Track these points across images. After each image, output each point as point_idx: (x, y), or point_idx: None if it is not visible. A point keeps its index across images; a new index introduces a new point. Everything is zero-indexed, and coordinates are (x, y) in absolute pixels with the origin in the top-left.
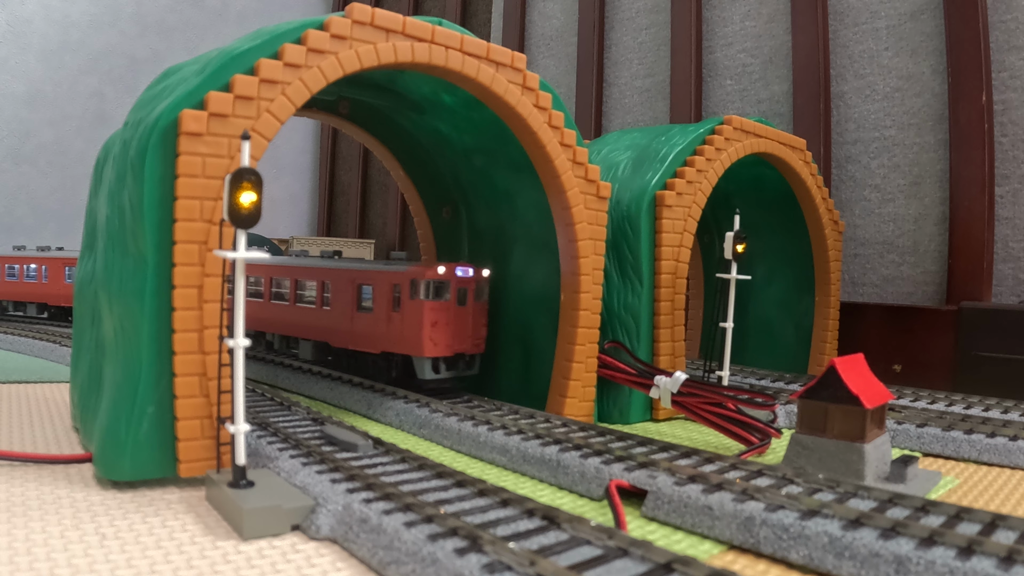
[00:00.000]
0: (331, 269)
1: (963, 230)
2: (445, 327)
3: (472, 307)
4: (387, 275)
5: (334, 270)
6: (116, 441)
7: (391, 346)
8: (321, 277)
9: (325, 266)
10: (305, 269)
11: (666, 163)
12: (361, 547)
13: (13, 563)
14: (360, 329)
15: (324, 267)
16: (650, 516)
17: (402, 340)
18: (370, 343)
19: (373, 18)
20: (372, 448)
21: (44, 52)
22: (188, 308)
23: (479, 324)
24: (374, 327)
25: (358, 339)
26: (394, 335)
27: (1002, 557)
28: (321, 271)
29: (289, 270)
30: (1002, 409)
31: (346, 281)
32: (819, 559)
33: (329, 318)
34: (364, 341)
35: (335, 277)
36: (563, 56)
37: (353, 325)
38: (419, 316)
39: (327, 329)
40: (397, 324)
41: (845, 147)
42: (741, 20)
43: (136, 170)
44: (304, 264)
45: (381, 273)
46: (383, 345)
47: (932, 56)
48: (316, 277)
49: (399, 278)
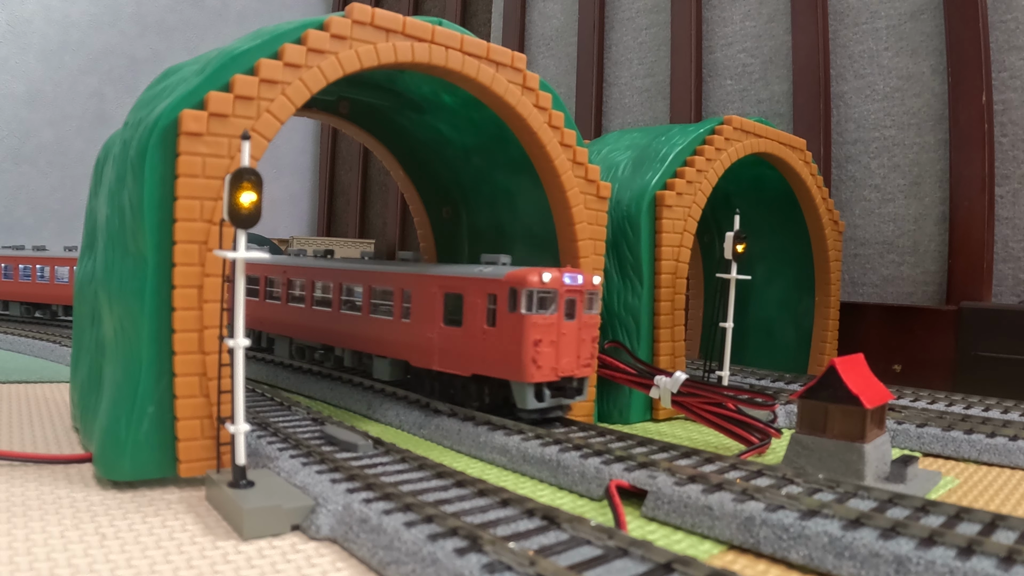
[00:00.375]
0: (413, 275)
1: (963, 230)
2: (551, 346)
3: (582, 322)
4: (481, 283)
5: (417, 276)
6: (116, 441)
7: (485, 368)
8: (401, 284)
9: (406, 271)
10: (382, 275)
11: (666, 163)
12: (361, 547)
13: (13, 563)
14: (447, 347)
15: (405, 272)
16: (650, 516)
17: (498, 361)
18: (459, 364)
19: (373, 18)
20: (372, 448)
21: (44, 52)
22: (188, 308)
23: (590, 341)
24: (464, 345)
25: (444, 358)
26: (488, 355)
27: (1002, 557)
28: (401, 277)
29: (362, 276)
30: (1002, 409)
31: (431, 289)
32: (819, 559)
33: (410, 333)
34: (451, 361)
35: (418, 284)
36: (563, 56)
37: (439, 342)
38: (519, 333)
39: (407, 346)
40: (492, 342)
41: (845, 147)
42: (741, 20)
43: (136, 170)
44: (380, 269)
45: (473, 280)
46: (475, 366)
47: (932, 56)
48: (395, 284)
49: (495, 287)
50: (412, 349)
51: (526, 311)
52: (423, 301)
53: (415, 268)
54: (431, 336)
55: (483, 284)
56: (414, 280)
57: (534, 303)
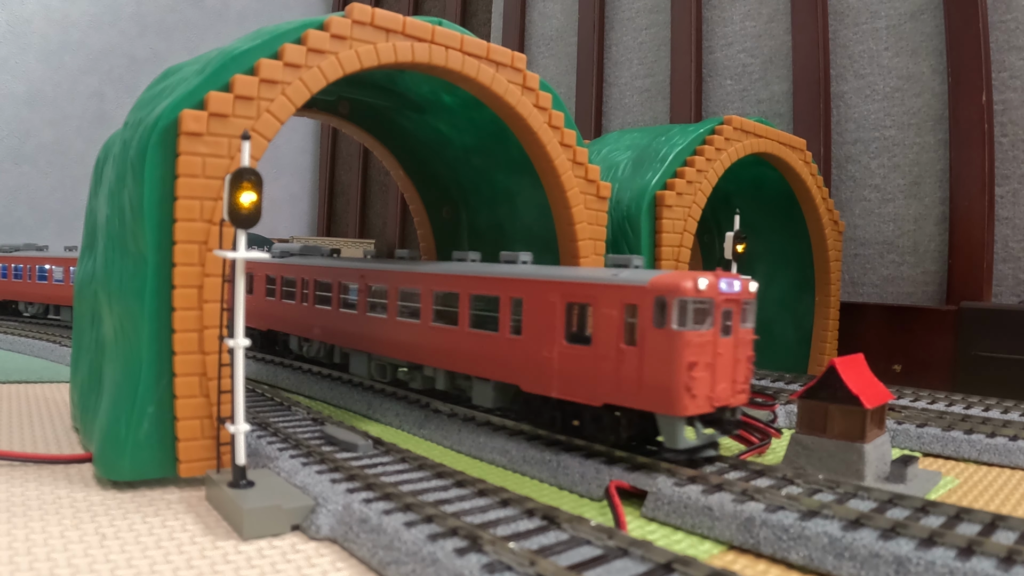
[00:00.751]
0: (527, 281)
1: (963, 230)
2: (706, 369)
3: (739, 338)
4: (616, 291)
5: (531, 282)
6: (116, 441)
7: (621, 397)
8: (511, 291)
9: (518, 275)
10: (487, 280)
11: (666, 163)
12: (361, 547)
13: (13, 563)
14: (571, 370)
15: (516, 277)
16: (650, 517)
17: (640, 389)
18: (586, 391)
19: (373, 18)
20: (372, 448)
21: (44, 52)
22: (188, 308)
23: (746, 362)
24: (594, 368)
25: (567, 384)
26: (627, 381)
27: (1002, 557)
28: (511, 283)
29: (461, 282)
30: (1002, 409)
31: (549, 298)
32: (819, 560)
33: (521, 351)
34: (577, 387)
35: (533, 292)
36: (563, 56)
37: (560, 363)
38: (670, 353)
39: (517, 367)
40: (632, 364)
41: (845, 147)
42: (741, 20)
43: (136, 170)
44: (485, 273)
45: (607, 288)
46: (608, 394)
47: (932, 56)
48: (502, 291)
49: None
50: (524, 371)
51: (678, 326)
52: (539, 312)
53: (530, 272)
54: (549, 356)
55: (620, 292)
56: (528, 287)
57: (688, 316)
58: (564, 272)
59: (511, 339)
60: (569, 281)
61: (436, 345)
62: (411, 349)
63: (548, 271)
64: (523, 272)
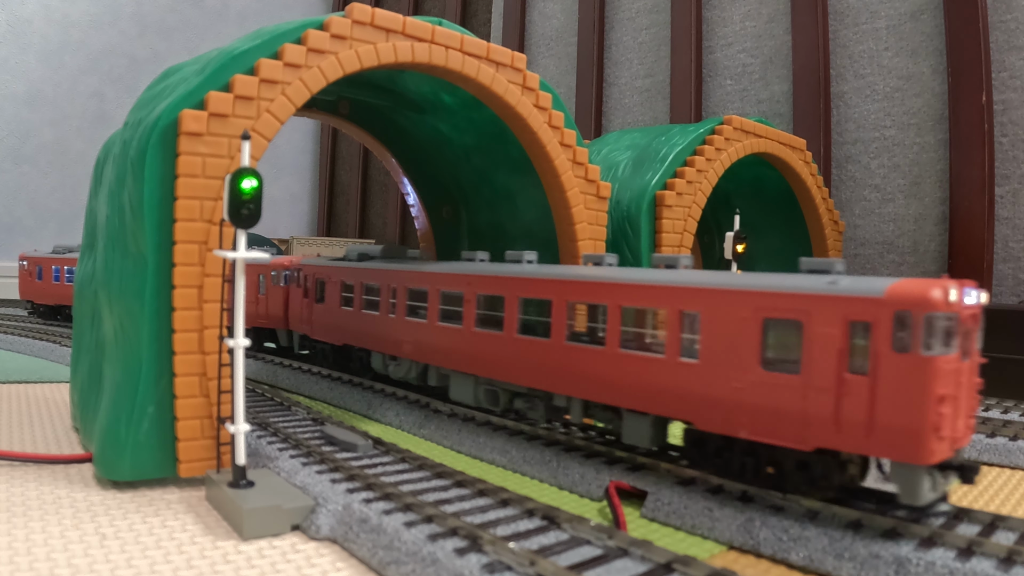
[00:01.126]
0: (707, 290)
1: (963, 230)
2: (952, 403)
3: (974, 362)
4: (837, 303)
5: (714, 291)
6: (116, 441)
7: (842, 439)
8: (682, 303)
9: (693, 283)
10: (646, 289)
11: (666, 163)
12: (361, 547)
13: (13, 563)
14: (769, 404)
15: (691, 285)
16: (650, 517)
17: (873, 430)
18: (791, 432)
19: (373, 18)
20: (372, 448)
21: (44, 52)
22: (188, 308)
23: (975, 390)
24: (804, 402)
25: (764, 422)
26: (852, 419)
27: (1002, 558)
28: (684, 293)
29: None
30: (1002, 409)
31: (740, 312)
32: (819, 560)
33: (696, 379)
34: (777, 427)
35: (715, 304)
36: (563, 56)
37: (752, 396)
38: (918, 385)
39: (690, 399)
40: (860, 398)
41: (845, 147)
42: (741, 20)
43: (136, 170)
44: (643, 280)
45: (823, 299)
46: (822, 436)
47: (932, 56)
48: (670, 303)
49: (867, 309)
50: (700, 404)
51: (927, 350)
52: (725, 331)
53: (712, 280)
54: (738, 386)
55: (843, 306)
56: (709, 299)
57: (938, 336)
58: (760, 281)
59: (682, 364)
60: (769, 292)
61: (572, 369)
62: (535, 373)
63: (737, 279)
64: (702, 280)
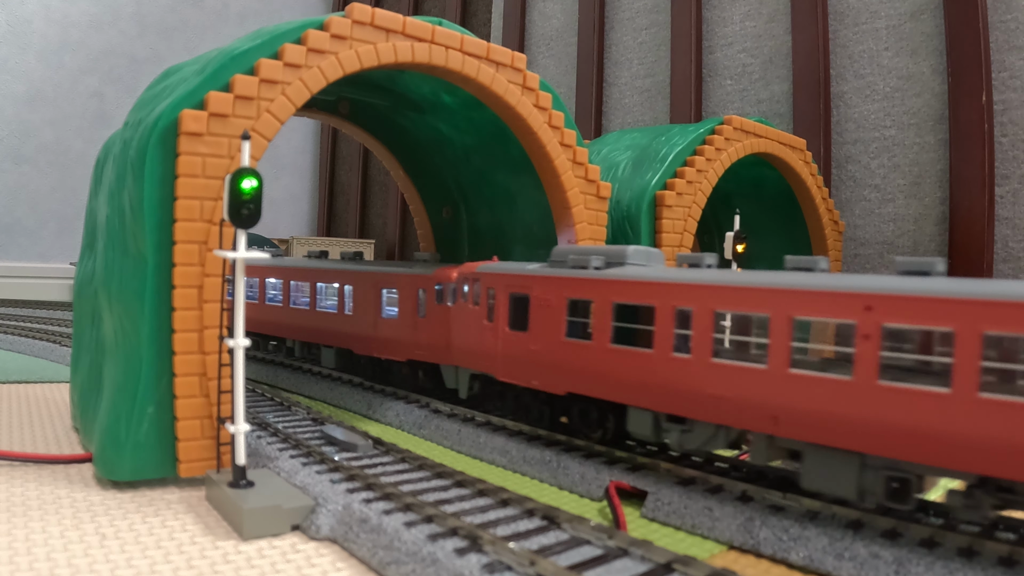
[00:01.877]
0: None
1: (963, 230)
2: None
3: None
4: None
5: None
6: (116, 441)
7: None
8: (979, 322)
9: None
10: (915, 302)
11: (666, 163)
12: (361, 547)
13: (13, 563)
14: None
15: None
16: (650, 517)
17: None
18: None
19: (373, 18)
20: (372, 448)
21: (44, 52)
22: (188, 308)
23: None
24: None
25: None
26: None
27: (1002, 558)
28: (978, 308)
29: (846, 301)
30: None
31: None
32: (819, 560)
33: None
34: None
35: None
36: (563, 56)
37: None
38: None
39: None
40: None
41: (845, 147)
42: (741, 20)
43: (136, 170)
44: (903, 290)
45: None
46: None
47: (932, 56)
48: (963, 321)
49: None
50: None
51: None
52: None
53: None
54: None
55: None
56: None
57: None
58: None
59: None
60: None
61: (797, 405)
62: (742, 411)
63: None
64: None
